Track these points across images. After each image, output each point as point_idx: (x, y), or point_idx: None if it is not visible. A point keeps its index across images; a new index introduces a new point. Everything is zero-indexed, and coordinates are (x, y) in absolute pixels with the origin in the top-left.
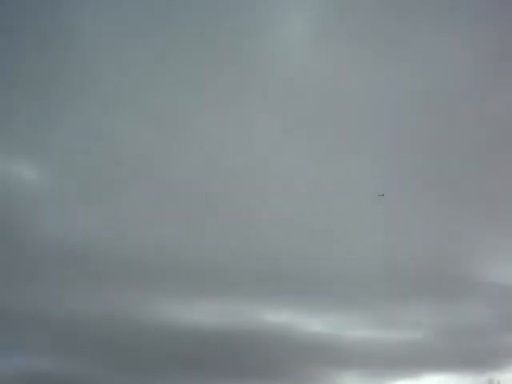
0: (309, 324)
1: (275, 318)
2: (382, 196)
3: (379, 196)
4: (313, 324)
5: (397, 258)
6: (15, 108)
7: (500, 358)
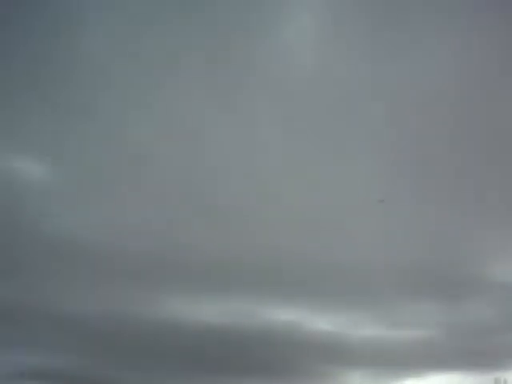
0: (316, 322)
1: (283, 317)
2: (382, 202)
3: (380, 201)
4: (320, 323)
5: (405, 258)
6: (26, 108)
7: (507, 358)
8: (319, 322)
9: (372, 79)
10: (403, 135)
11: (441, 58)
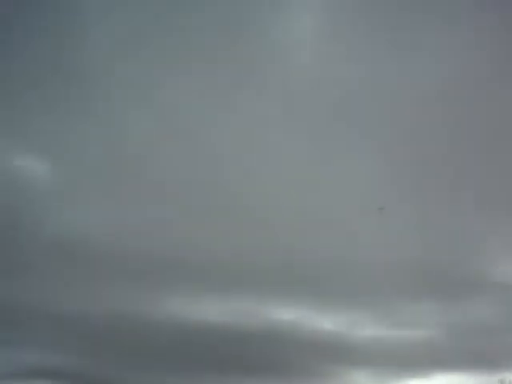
0: (319, 322)
1: (284, 316)
2: (382, 209)
3: (379, 209)
4: (323, 322)
5: (409, 258)
6: (27, 108)
7: (510, 359)
8: (321, 322)
9: (372, 79)
10: (403, 135)
11: (441, 58)
